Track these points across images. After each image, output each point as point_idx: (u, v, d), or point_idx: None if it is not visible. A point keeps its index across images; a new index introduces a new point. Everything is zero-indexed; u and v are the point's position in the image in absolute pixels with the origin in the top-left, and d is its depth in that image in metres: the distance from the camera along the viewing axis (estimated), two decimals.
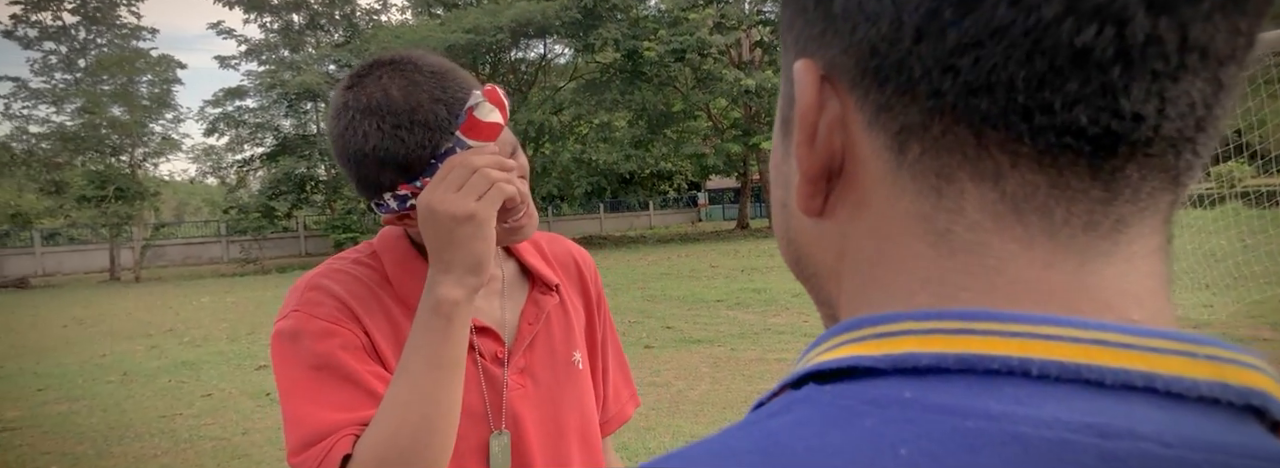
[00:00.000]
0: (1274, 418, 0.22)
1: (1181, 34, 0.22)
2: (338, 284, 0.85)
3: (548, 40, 21.05)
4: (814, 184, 0.28)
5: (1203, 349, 0.22)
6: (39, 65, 20.57)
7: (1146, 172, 0.24)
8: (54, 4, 20.24)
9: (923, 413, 0.22)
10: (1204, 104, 0.24)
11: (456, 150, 0.78)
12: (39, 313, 11.45)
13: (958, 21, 0.23)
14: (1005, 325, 0.23)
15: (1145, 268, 0.25)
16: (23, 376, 6.48)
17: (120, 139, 18.97)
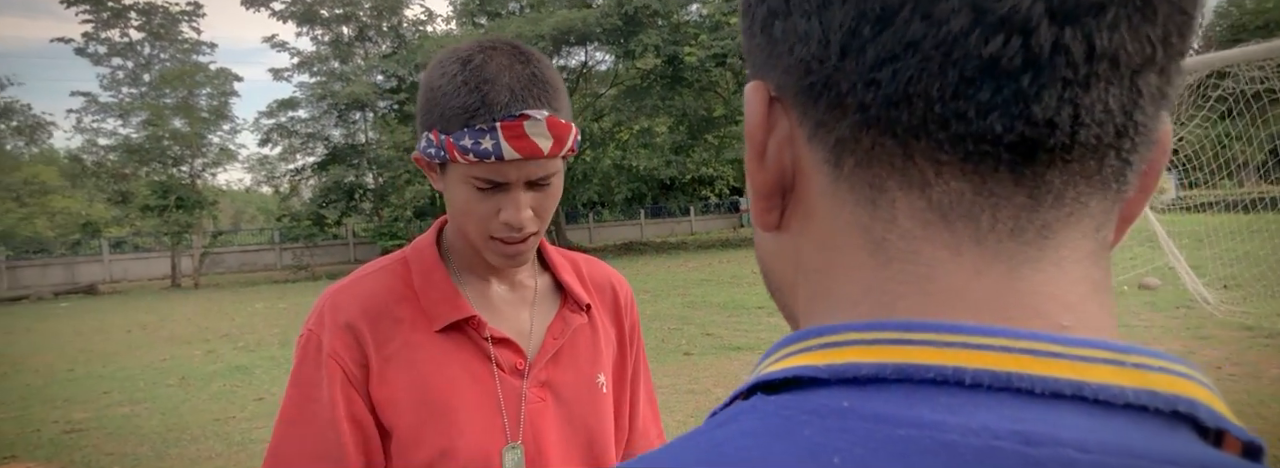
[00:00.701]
0: (1205, 425, 0.23)
1: (1088, 43, 0.23)
2: (355, 298, 0.86)
3: (589, 47, 21.20)
4: (768, 199, 0.29)
5: (1130, 358, 0.23)
6: (107, 80, 21.58)
7: (1069, 178, 0.25)
8: (122, 22, 21.22)
9: (859, 422, 0.22)
10: (1122, 111, 0.24)
11: (487, 137, 0.78)
12: (106, 318, 11.98)
13: (875, 37, 0.24)
14: (940, 336, 0.23)
15: (1075, 273, 0.25)
16: (91, 378, 6.79)
17: (181, 150, 19.75)
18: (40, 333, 10.47)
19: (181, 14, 21.99)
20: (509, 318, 0.91)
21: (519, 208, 0.82)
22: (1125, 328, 6.11)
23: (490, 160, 0.79)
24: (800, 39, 0.26)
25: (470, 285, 0.91)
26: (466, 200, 0.83)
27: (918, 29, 0.23)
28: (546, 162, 0.82)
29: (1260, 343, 5.29)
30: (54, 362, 7.82)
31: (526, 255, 0.87)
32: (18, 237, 19.51)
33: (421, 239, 0.94)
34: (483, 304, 0.90)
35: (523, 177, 0.81)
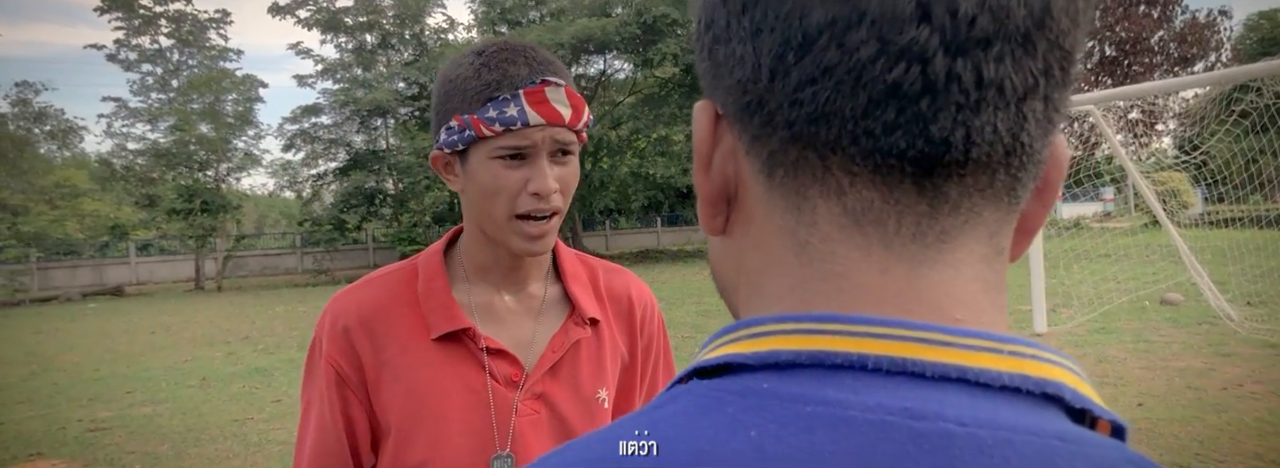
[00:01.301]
0: (1070, 405, 0.26)
1: (977, 73, 0.26)
2: (354, 304, 0.88)
3: (608, 56, 21.33)
4: (713, 206, 0.32)
5: (1008, 346, 0.26)
6: (137, 86, 22.06)
7: (965, 190, 0.28)
8: (152, 29, 21.70)
9: (774, 401, 0.26)
10: (1009, 133, 0.27)
11: (511, 105, 0.81)
12: (131, 319, 12.21)
13: (797, 63, 0.27)
14: (848, 327, 0.27)
15: (969, 274, 0.28)
16: (115, 378, 6.94)
17: (207, 155, 20.08)
18: (69, 333, 10.70)
19: (210, 21, 22.45)
20: (512, 328, 0.91)
21: (545, 175, 0.83)
22: (1146, 343, 6.03)
23: (516, 126, 0.81)
24: (738, 63, 0.29)
25: (477, 295, 0.91)
26: (493, 177, 0.84)
27: (833, 56, 0.26)
28: (567, 131, 0.85)
29: None
30: (81, 361, 7.99)
31: (549, 240, 0.87)
32: (49, 238, 19.92)
33: (433, 246, 0.95)
34: (486, 314, 0.90)
35: (547, 143, 0.84)
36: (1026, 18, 0.26)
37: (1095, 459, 0.24)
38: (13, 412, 5.73)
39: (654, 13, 18.33)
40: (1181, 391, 4.62)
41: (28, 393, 6.43)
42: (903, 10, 0.26)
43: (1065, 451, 0.24)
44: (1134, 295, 7.86)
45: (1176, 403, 4.36)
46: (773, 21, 0.27)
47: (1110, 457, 0.25)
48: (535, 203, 0.84)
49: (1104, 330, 6.64)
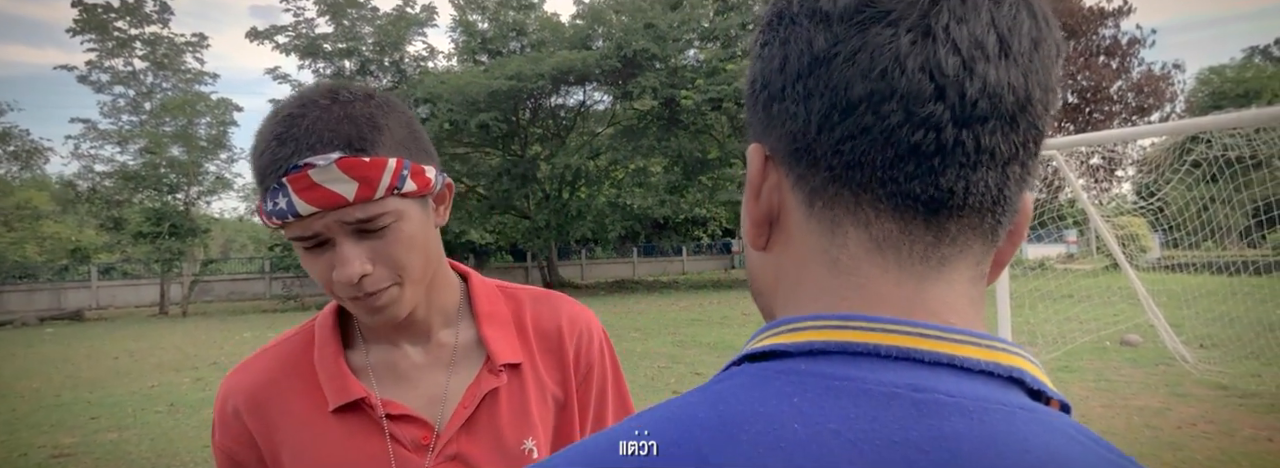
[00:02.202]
0: (1030, 387, 0.35)
1: (976, 141, 0.35)
2: (243, 383, 0.83)
3: (588, 87, 21.66)
4: (758, 228, 0.41)
5: (985, 342, 0.35)
6: (108, 107, 21.77)
7: (961, 227, 0.37)
8: (126, 51, 21.56)
9: (811, 377, 0.34)
10: (996, 188, 0.36)
11: (280, 195, 0.71)
12: (93, 345, 11.89)
13: (841, 122, 0.36)
14: (868, 324, 0.35)
15: (960, 289, 0.37)
16: (77, 404, 6.76)
17: (177, 178, 19.83)
18: (26, 359, 10.38)
19: (186, 45, 22.36)
20: (420, 386, 0.83)
21: (346, 262, 0.73)
22: (1106, 382, 6.24)
23: (290, 219, 0.72)
24: (790, 118, 0.37)
25: (377, 354, 0.84)
26: (306, 264, 0.76)
27: (869, 120, 0.35)
28: (358, 209, 0.73)
29: (1235, 402, 5.42)
30: (41, 387, 7.77)
31: (395, 309, 0.77)
32: (6, 261, 19.38)
33: (327, 307, 0.87)
34: (389, 374, 0.83)
35: (333, 226, 0.73)
36: (1014, 103, 0.35)
37: (1047, 423, 0.33)
38: None
39: (634, 47, 18.72)
40: (1140, 429, 4.80)
41: None
42: (924, 90, 0.34)
43: (1024, 416, 0.33)
44: (1095, 335, 8.11)
45: (1135, 440, 4.53)
46: (822, 89, 0.36)
47: (1058, 423, 0.34)
48: (351, 290, 0.75)
49: (1067, 369, 6.85)
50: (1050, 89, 0.37)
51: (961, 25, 0.34)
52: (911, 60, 0.34)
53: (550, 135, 22.59)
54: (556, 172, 20.54)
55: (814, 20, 0.36)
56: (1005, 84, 0.35)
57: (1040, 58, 0.36)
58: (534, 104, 21.69)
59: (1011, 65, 0.35)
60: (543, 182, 21.20)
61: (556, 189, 21.78)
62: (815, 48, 0.36)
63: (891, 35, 0.35)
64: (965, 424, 0.32)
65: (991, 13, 0.35)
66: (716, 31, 19.87)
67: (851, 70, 0.35)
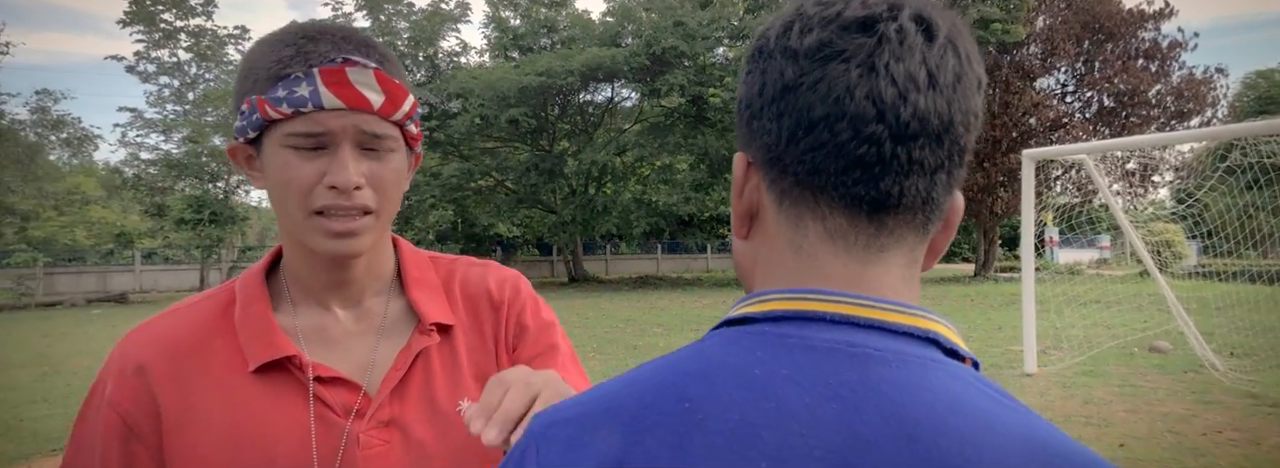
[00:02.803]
0: (944, 346, 0.45)
1: (909, 154, 0.44)
2: (152, 338, 0.76)
3: (616, 84, 21.80)
4: (741, 221, 0.51)
5: (910, 310, 0.45)
6: (154, 97, 22.47)
7: (898, 222, 0.47)
8: (172, 42, 22.18)
9: (771, 336, 0.44)
10: (926, 191, 0.46)
11: (303, 84, 0.70)
12: None
13: (804, 138, 0.45)
14: (819, 296, 0.45)
15: (896, 271, 0.47)
16: None
17: (218, 167, 20.40)
18: (77, 337, 10.84)
19: (228, 37, 22.96)
20: (350, 351, 0.79)
21: (345, 167, 0.71)
22: (1132, 388, 6.22)
23: (306, 109, 0.70)
24: (766, 133, 0.47)
25: (305, 317, 0.80)
26: (283, 167, 0.72)
27: (826, 136, 0.44)
28: (377, 121, 0.73)
29: (1264, 411, 5.38)
30: (92, 364, 8.13)
31: (362, 241, 0.75)
32: (57, 244, 20.11)
33: (252, 267, 0.83)
34: (318, 338, 0.79)
35: (349, 130, 0.72)
36: (939, 125, 0.45)
37: (951, 372, 0.43)
38: (30, 410, 5.89)
39: (663, 45, 18.80)
40: (1163, 434, 4.81)
41: (41, 393, 6.58)
42: (868, 114, 0.44)
43: (934, 366, 0.43)
44: (1123, 341, 8.06)
45: (1157, 446, 4.55)
46: (791, 111, 0.45)
47: (961, 372, 0.44)
48: (334, 198, 0.72)
49: (1092, 373, 6.83)
50: (971, 114, 0.46)
51: (899, 63, 0.44)
52: (859, 90, 0.44)
53: (578, 131, 22.78)
54: (583, 167, 20.73)
55: (785, 56, 0.46)
56: (932, 110, 0.44)
57: (962, 89, 0.46)
58: (563, 100, 21.88)
59: (938, 95, 0.44)
60: (570, 177, 21.41)
61: (583, 184, 21.97)
62: (786, 77, 0.46)
63: (844, 70, 0.44)
64: (886, 371, 0.42)
65: (923, 53, 0.44)
66: (745, 30, 19.87)
67: (813, 96, 0.45)
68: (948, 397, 0.42)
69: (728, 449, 0.41)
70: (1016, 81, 20.99)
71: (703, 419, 0.42)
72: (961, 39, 0.47)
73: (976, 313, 12.15)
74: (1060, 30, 21.03)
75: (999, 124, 21.18)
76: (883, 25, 0.45)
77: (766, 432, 0.41)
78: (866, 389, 0.41)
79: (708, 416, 0.42)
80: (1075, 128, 21.54)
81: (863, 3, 0.46)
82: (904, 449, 0.40)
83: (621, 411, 0.44)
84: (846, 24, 0.45)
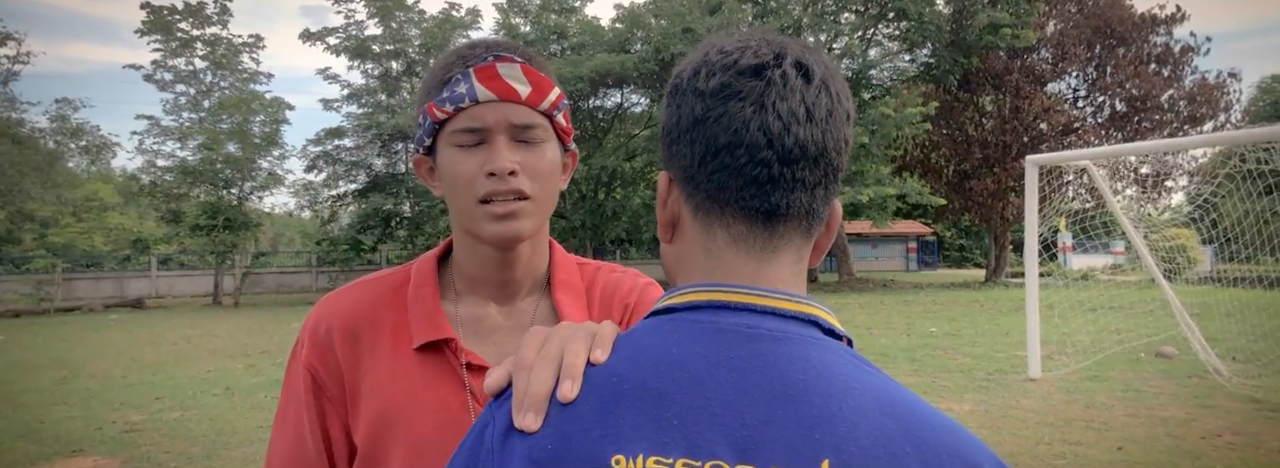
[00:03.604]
0: (824, 327, 0.56)
1: (793, 174, 0.55)
2: (339, 308, 0.85)
3: (625, 90, 21.93)
4: (665, 228, 0.61)
5: (795, 299, 0.56)
6: (170, 105, 22.84)
7: (786, 228, 0.57)
8: (188, 51, 22.54)
9: (686, 322, 0.55)
10: (809, 203, 0.56)
11: (461, 83, 0.80)
12: (154, 331, 12.56)
13: (711, 161, 0.55)
14: (725, 289, 0.56)
15: (786, 268, 0.58)
16: (142, 386, 7.24)
17: (232, 174, 20.65)
18: (94, 342, 11.05)
19: (243, 45, 23.31)
20: (499, 345, 0.85)
21: (500, 154, 0.79)
22: (1135, 392, 6.23)
23: (465, 104, 0.79)
24: (682, 156, 0.57)
25: (465, 306, 0.87)
26: (452, 164, 0.81)
27: (728, 160, 0.55)
28: (528, 111, 0.81)
29: (1264, 416, 5.38)
30: (109, 369, 8.31)
31: (520, 224, 0.81)
32: (76, 250, 20.43)
33: (428, 253, 0.91)
34: (474, 328, 0.86)
35: (501, 122, 0.80)
36: (815, 151, 0.55)
37: (826, 347, 0.54)
38: (50, 413, 6.05)
39: (671, 51, 18.92)
40: (1161, 438, 4.83)
41: (62, 396, 6.74)
42: (760, 142, 0.54)
43: (813, 342, 0.54)
44: (1129, 346, 8.05)
45: (1155, 449, 4.58)
46: (700, 139, 0.56)
47: (835, 347, 0.55)
48: (494, 184, 0.80)
49: (1096, 378, 6.84)
50: (843, 141, 0.57)
51: (783, 101, 0.54)
52: (753, 123, 0.54)
53: (588, 137, 22.91)
54: (593, 172, 20.85)
55: (695, 94, 0.57)
56: (810, 139, 0.55)
57: (833, 122, 0.56)
58: (573, 106, 22.02)
59: (814, 127, 0.55)
60: (580, 182, 21.53)
61: (593, 189, 22.09)
62: (696, 112, 0.56)
63: (741, 107, 0.54)
64: (774, 346, 0.53)
65: (802, 93, 0.55)
66: None
67: (717, 128, 0.55)
68: (820, 365, 0.52)
69: (646, 411, 0.51)
70: (1027, 86, 20.93)
71: (627, 389, 0.52)
72: (834, 81, 0.58)
73: (985, 318, 12.13)
74: (1071, 35, 20.96)
75: (1009, 129, 21.11)
76: (770, 71, 0.55)
77: (677, 396, 0.51)
78: (757, 361, 0.52)
79: (631, 385, 0.52)
80: (1087, 133, 21.44)
81: (755, 52, 0.56)
82: (785, 406, 0.50)
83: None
84: (742, 70, 0.55)
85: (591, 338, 0.57)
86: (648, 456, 0.49)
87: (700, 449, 0.49)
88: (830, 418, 0.50)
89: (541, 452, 0.51)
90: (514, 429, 0.53)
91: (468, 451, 0.55)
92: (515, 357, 0.58)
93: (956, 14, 20.56)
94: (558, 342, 0.57)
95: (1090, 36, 21.03)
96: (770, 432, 0.49)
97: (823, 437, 0.49)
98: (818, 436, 0.49)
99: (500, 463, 0.52)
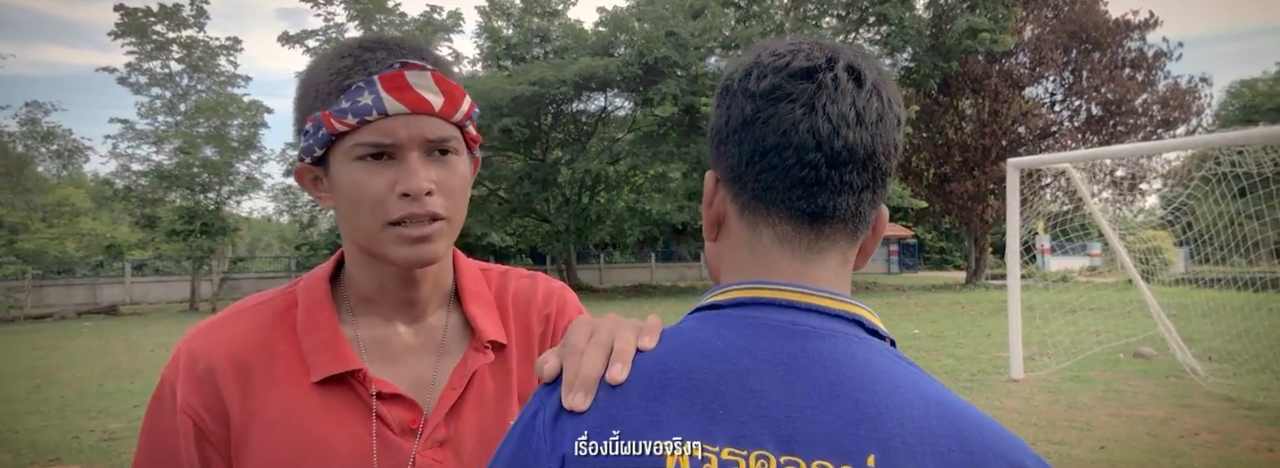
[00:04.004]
0: (867, 327, 0.57)
1: (841, 176, 0.55)
2: (219, 342, 0.75)
3: (609, 93, 21.92)
4: (711, 226, 0.62)
5: (840, 298, 0.57)
6: (145, 108, 22.43)
7: (832, 230, 0.58)
8: (163, 54, 22.20)
9: (732, 318, 0.56)
10: (854, 206, 0.57)
11: (365, 93, 0.70)
12: (129, 338, 12.32)
13: (759, 161, 0.56)
14: (770, 286, 0.57)
15: (831, 268, 0.58)
16: (120, 393, 7.10)
17: (210, 178, 20.37)
18: (68, 350, 10.82)
19: (221, 48, 22.98)
20: (410, 367, 0.79)
21: (415, 174, 0.72)
22: (1114, 392, 6.33)
23: (372, 117, 0.70)
24: (730, 156, 0.58)
25: (368, 328, 0.79)
26: (355, 183, 0.72)
27: (776, 161, 0.56)
28: (442, 124, 0.73)
29: (1240, 414, 5.49)
30: (84, 377, 8.14)
31: (437, 247, 0.75)
32: (47, 256, 20.03)
33: (316, 271, 0.82)
34: (380, 353, 0.78)
35: (415, 137, 0.72)
36: (864, 154, 0.56)
37: (870, 345, 0.55)
38: (24, 422, 5.91)
39: (655, 54, 18.96)
40: (1142, 437, 4.91)
41: (35, 405, 6.59)
42: (809, 144, 0.55)
43: (857, 341, 0.55)
44: (1108, 347, 8.17)
45: (1136, 448, 4.65)
46: (749, 140, 0.57)
47: (879, 346, 0.55)
48: (408, 207, 0.72)
49: (1077, 379, 6.93)
50: (892, 145, 0.58)
51: (834, 104, 0.55)
52: (802, 125, 0.55)
53: (571, 140, 22.89)
54: (577, 176, 20.82)
55: (745, 95, 0.57)
56: (859, 142, 0.55)
57: (883, 126, 0.56)
58: (556, 109, 21.99)
59: (864, 130, 0.55)
60: (563, 186, 21.49)
61: (577, 193, 22.05)
62: (745, 113, 0.57)
63: (790, 108, 0.55)
64: (819, 343, 0.54)
65: (853, 96, 0.55)
66: (737, 40, 20.06)
67: (766, 129, 0.56)
68: (864, 363, 0.53)
69: (692, 400, 0.52)
70: (1005, 90, 21.23)
71: (673, 379, 0.53)
72: (885, 86, 0.58)
73: (966, 320, 12.27)
74: (1048, 40, 21.30)
75: (988, 132, 21.39)
76: (822, 74, 0.56)
77: (724, 388, 0.52)
78: (803, 356, 0.53)
79: (677, 376, 0.53)
80: (1064, 136, 21.78)
81: (807, 55, 0.57)
82: (830, 401, 0.51)
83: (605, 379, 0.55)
84: (794, 72, 0.56)
85: (639, 328, 0.59)
86: (694, 444, 0.50)
87: (745, 440, 0.50)
88: (876, 415, 0.50)
89: (591, 434, 0.52)
90: (564, 412, 0.53)
91: (518, 435, 0.56)
92: (565, 343, 0.58)
93: (936, 19, 20.82)
94: (607, 330, 0.58)
95: (1067, 41, 21.38)
96: (815, 426, 0.50)
97: (868, 433, 0.50)
98: (863, 431, 0.50)
99: (552, 445, 0.53)
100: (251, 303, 0.80)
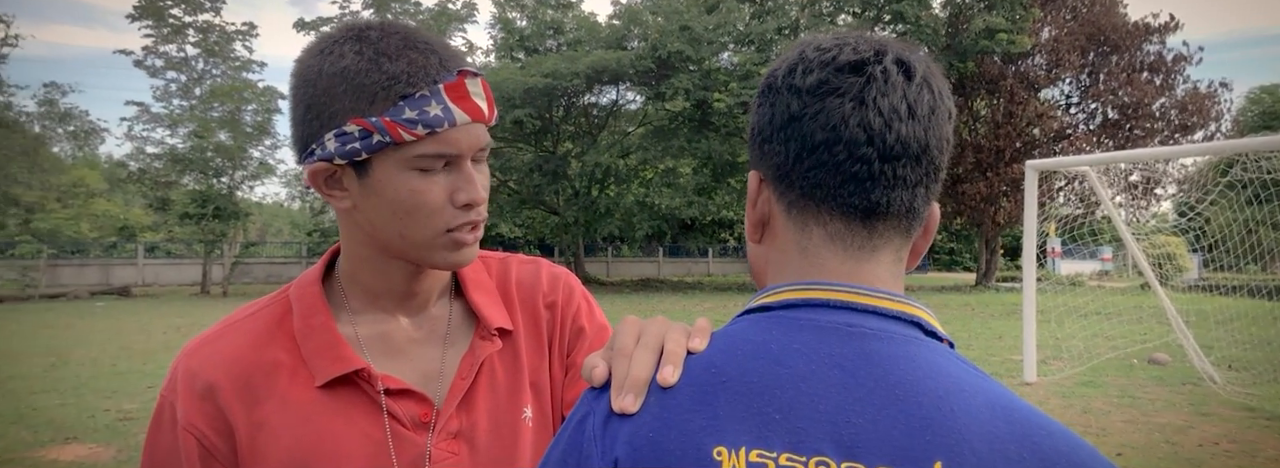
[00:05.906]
0: (925, 328, 0.54)
1: (894, 171, 0.53)
2: (216, 358, 0.73)
3: (621, 87, 21.88)
4: (755, 228, 0.60)
5: (897, 299, 0.54)
6: (160, 92, 22.53)
7: (886, 227, 0.55)
8: (180, 37, 22.26)
9: (784, 319, 0.54)
10: (908, 202, 0.55)
11: (432, 103, 0.68)
12: (142, 319, 12.42)
13: (807, 158, 0.54)
14: (822, 287, 0.54)
15: (885, 267, 0.56)
16: (133, 374, 7.15)
17: (223, 162, 20.45)
18: (81, 330, 10.91)
19: (237, 33, 23.02)
20: (416, 360, 0.78)
21: (473, 182, 0.72)
22: (1130, 399, 6.28)
23: (443, 128, 0.69)
24: (776, 154, 0.56)
25: (367, 325, 0.78)
26: (412, 192, 0.70)
27: (825, 157, 0.53)
28: (485, 130, 0.74)
29: (1260, 424, 5.43)
30: (98, 357, 8.20)
31: (474, 249, 0.77)
32: (61, 236, 20.17)
33: (306, 275, 0.80)
34: (383, 347, 0.77)
35: (473, 146, 0.72)
36: (918, 148, 0.54)
37: (931, 347, 0.53)
38: (40, 400, 5.95)
39: (669, 48, 18.89)
40: (1159, 444, 4.87)
41: (51, 383, 6.64)
42: (860, 139, 0.53)
43: (916, 342, 0.52)
44: (1122, 352, 8.11)
45: (1153, 455, 4.61)
46: (796, 136, 0.54)
47: (939, 347, 0.53)
48: (467, 215, 0.73)
49: (1091, 384, 6.89)
50: (945, 139, 0.56)
51: (884, 98, 0.53)
52: (852, 119, 0.53)
53: (582, 133, 22.86)
54: (587, 169, 20.80)
55: (791, 92, 0.55)
56: (912, 136, 0.53)
57: (936, 119, 0.55)
58: (568, 102, 21.96)
59: (916, 124, 0.54)
60: (573, 178, 21.48)
61: (586, 186, 22.03)
62: (791, 109, 0.55)
63: (840, 103, 0.53)
64: (878, 345, 0.51)
65: (904, 90, 0.53)
66: (751, 36, 19.97)
67: (814, 125, 0.54)
68: (927, 365, 0.51)
69: (745, 403, 0.50)
70: (1021, 92, 21.06)
71: (726, 381, 0.51)
72: (935, 78, 0.56)
73: (977, 322, 12.21)
74: (1065, 42, 21.10)
75: (1002, 134, 21.24)
76: (870, 67, 0.54)
77: (779, 391, 0.50)
78: (862, 359, 0.51)
79: (730, 378, 0.51)
80: (1079, 139, 21.60)
81: (854, 49, 0.55)
82: (892, 405, 0.49)
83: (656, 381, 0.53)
84: (841, 66, 0.54)
85: (688, 329, 0.57)
86: (750, 449, 0.48)
87: (804, 445, 0.48)
88: (941, 419, 0.48)
89: (643, 438, 0.50)
90: (614, 415, 0.52)
91: (567, 439, 0.54)
92: (612, 345, 0.56)
93: (953, 18, 20.65)
94: (656, 331, 0.57)
95: (1084, 44, 21.18)
96: (877, 431, 0.48)
97: (934, 438, 0.47)
98: (928, 437, 0.47)
99: (603, 449, 0.51)
100: (244, 314, 0.78)
